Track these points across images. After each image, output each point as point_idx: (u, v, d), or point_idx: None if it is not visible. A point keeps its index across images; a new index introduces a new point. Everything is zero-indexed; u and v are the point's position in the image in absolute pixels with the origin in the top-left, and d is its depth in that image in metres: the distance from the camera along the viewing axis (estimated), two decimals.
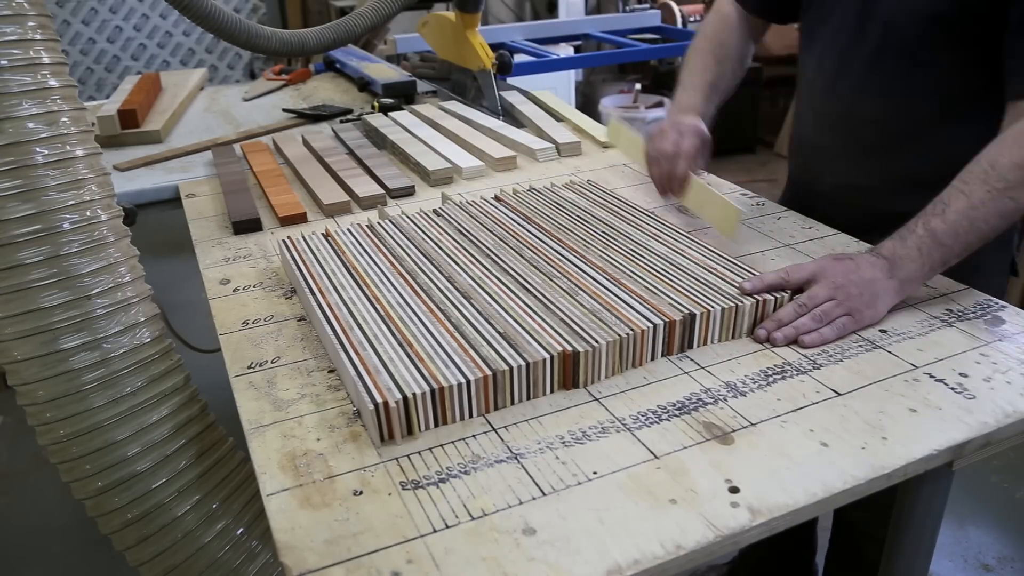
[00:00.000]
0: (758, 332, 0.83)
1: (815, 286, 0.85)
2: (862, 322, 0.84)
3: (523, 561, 0.56)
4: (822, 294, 0.84)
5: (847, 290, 0.83)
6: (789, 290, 0.86)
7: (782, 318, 0.83)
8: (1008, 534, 1.76)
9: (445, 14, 1.82)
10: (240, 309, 0.93)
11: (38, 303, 0.89)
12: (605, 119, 1.88)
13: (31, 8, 0.87)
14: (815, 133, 1.15)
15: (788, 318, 0.83)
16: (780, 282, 0.86)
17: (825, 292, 0.84)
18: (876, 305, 0.84)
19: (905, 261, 0.85)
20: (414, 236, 1.00)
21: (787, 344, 0.82)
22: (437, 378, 0.70)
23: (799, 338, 0.82)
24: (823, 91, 1.10)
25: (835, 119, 1.10)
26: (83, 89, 4.39)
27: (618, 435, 0.69)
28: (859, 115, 1.06)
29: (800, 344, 0.82)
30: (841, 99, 1.07)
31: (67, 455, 0.96)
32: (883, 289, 0.85)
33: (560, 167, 1.37)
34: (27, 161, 0.86)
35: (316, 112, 1.77)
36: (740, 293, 0.84)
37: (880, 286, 0.84)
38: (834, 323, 0.83)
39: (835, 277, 0.84)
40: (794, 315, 0.83)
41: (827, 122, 1.12)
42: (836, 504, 0.63)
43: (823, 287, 0.84)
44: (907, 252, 0.85)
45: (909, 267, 0.85)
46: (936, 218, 0.85)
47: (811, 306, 0.83)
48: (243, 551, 1.07)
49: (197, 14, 1.13)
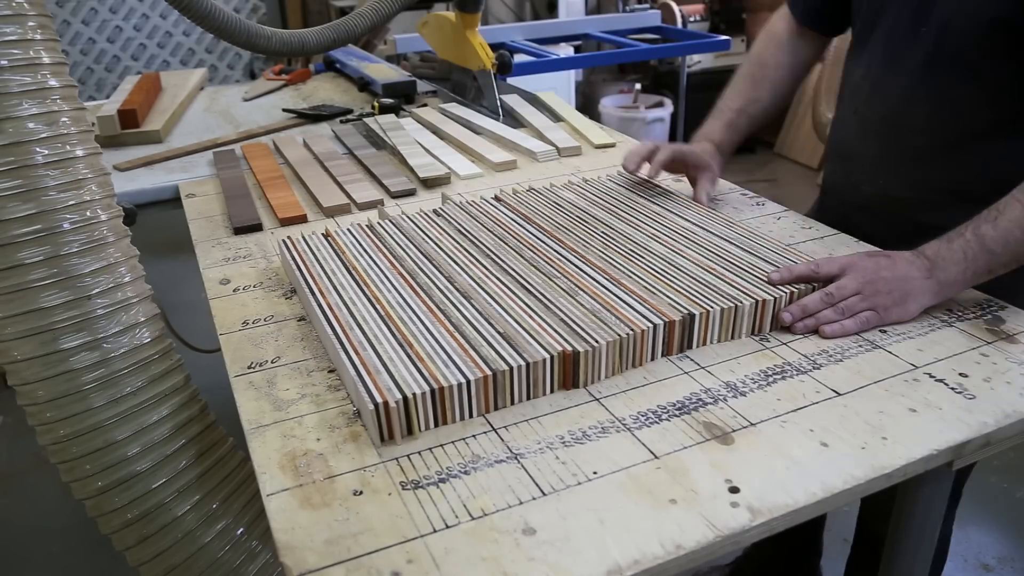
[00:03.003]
0: (783, 315, 0.84)
1: (844, 278, 0.84)
2: (887, 319, 0.84)
3: (523, 561, 0.56)
4: (850, 287, 0.83)
5: (875, 285, 0.83)
6: (818, 283, 0.86)
7: (807, 305, 0.84)
8: (1008, 534, 1.76)
9: (445, 14, 1.82)
10: (240, 309, 0.93)
11: (38, 303, 0.89)
12: (605, 119, 1.88)
13: (31, 8, 0.87)
14: (858, 139, 1.10)
15: (814, 307, 0.83)
16: (809, 274, 0.86)
17: (853, 285, 0.83)
18: (906, 303, 0.84)
19: (948, 264, 0.83)
20: (414, 236, 1.00)
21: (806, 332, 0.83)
22: (437, 378, 0.70)
23: (819, 328, 0.83)
24: (869, 96, 1.06)
25: (880, 125, 1.05)
26: (83, 89, 4.39)
27: (618, 435, 0.69)
28: (906, 122, 1.02)
29: (820, 335, 0.83)
30: (888, 104, 1.03)
31: (67, 455, 0.96)
32: (918, 288, 0.84)
33: (560, 167, 1.37)
34: (27, 161, 0.86)
35: (316, 112, 1.77)
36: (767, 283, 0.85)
37: (914, 285, 0.84)
38: (857, 317, 0.83)
39: (865, 272, 0.84)
40: (820, 304, 0.83)
41: (872, 128, 1.07)
42: (836, 504, 0.63)
43: (851, 280, 0.84)
44: (951, 255, 0.84)
45: (951, 270, 0.83)
46: (987, 224, 0.83)
47: (837, 297, 0.83)
48: (243, 551, 1.07)
49: (197, 14, 1.13)
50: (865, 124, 1.08)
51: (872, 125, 1.07)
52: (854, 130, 1.11)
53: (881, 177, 1.07)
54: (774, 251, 0.92)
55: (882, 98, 1.04)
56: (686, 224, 1.01)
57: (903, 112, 1.02)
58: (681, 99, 3.28)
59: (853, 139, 1.11)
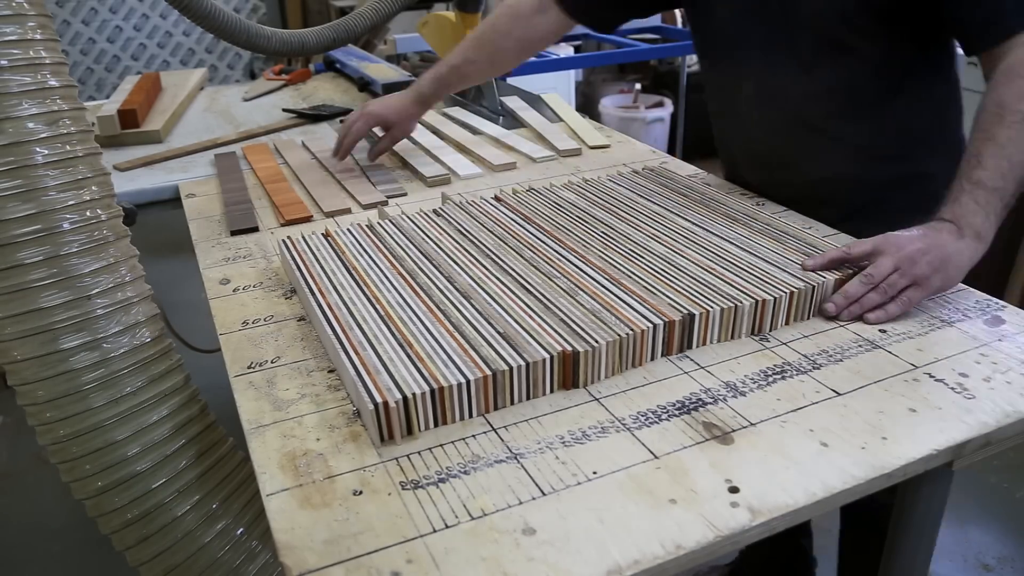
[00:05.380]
0: (827, 306, 0.85)
1: (879, 258, 0.85)
2: (930, 289, 0.84)
3: (523, 561, 0.56)
4: (886, 264, 0.84)
5: (912, 258, 0.83)
6: (851, 263, 0.87)
7: (849, 292, 0.84)
8: (1008, 534, 1.76)
9: (445, 14, 1.82)
10: (240, 309, 0.93)
11: (38, 303, 0.89)
12: (605, 119, 1.88)
13: (31, 8, 0.87)
14: (768, 142, 1.13)
15: (856, 292, 0.84)
16: (842, 256, 0.87)
17: (890, 263, 0.84)
18: (947, 269, 0.84)
19: (969, 217, 0.84)
20: (414, 236, 1.00)
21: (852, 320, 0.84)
22: (437, 378, 0.70)
23: (864, 316, 0.84)
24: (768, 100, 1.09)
25: (784, 123, 1.09)
26: (83, 89, 4.39)
27: (618, 435, 0.69)
28: (808, 111, 1.06)
29: (864, 322, 0.84)
30: (787, 102, 1.07)
31: (67, 455, 0.96)
32: (954, 251, 0.84)
33: (560, 167, 1.37)
34: (27, 161, 0.86)
35: (316, 112, 1.77)
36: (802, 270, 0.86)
37: (950, 248, 0.84)
38: (899, 299, 0.84)
39: (899, 247, 0.84)
40: (862, 289, 0.84)
41: (777, 127, 1.10)
42: (836, 504, 0.63)
43: (887, 258, 0.84)
44: (965, 209, 0.85)
45: (975, 220, 0.84)
46: (975, 170, 0.85)
47: (877, 278, 0.84)
48: (243, 551, 1.07)
49: (197, 14, 1.13)
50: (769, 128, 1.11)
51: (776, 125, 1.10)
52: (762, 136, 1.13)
53: (808, 165, 1.11)
54: (796, 248, 0.92)
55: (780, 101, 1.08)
56: (686, 224, 1.01)
57: (803, 105, 1.06)
58: (681, 99, 3.28)
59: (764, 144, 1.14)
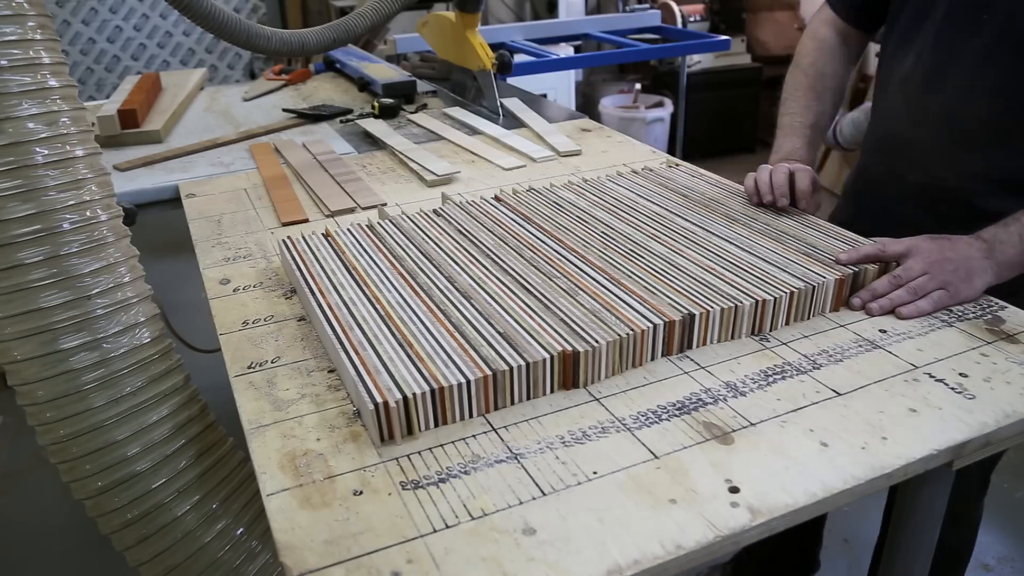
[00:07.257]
0: (853, 301, 0.86)
1: (910, 260, 0.86)
2: (957, 297, 0.85)
3: (523, 561, 0.56)
4: (917, 267, 0.85)
5: (941, 265, 0.85)
6: (884, 262, 0.88)
7: (877, 289, 0.85)
8: (1008, 534, 1.76)
9: (445, 14, 1.82)
10: (240, 309, 0.93)
11: (38, 303, 0.89)
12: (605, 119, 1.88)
13: (31, 8, 0.87)
14: (908, 130, 1.08)
15: (883, 290, 0.85)
16: (876, 253, 0.88)
17: (920, 266, 0.85)
18: (972, 281, 0.86)
19: (1005, 246, 0.86)
20: (414, 236, 1.00)
21: (883, 314, 0.85)
22: (437, 378, 0.70)
23: (896, 310, 0.84)
24: (923, 85, 1.04)
25: (934, 114, 1.04)
26: (83, 89, 4.39)
27: (618, 435, 0.69)
28: (964, 110, 1.00)
29: (897, 316, 0.85)
30: (945, 94, 1.01)
31: (67, 455, 0.96)
32: (980, 267, 0.86)
33: (560, 167, 1.37)
34: (27, 161, 0.86)
35: (316, 112, 1.77)
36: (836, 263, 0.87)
37: (976, 264, 0.86)
38: (930, 296, 0.85)
39: (930, 252, 0.86)
40: (889, 287, 0.85)
41: (924, 117, 1.05)
42: (836, 504, 0.63)
43: (918, 261, 0.86)
44: (1008, 237, 0.86)
45: (1008, 252, 0.86)
46: None
47: (905, 279, 0.85)
48: (243, 551, 1.07)
49: (197, 14, 1.13)
50: (917, 114, 1.06)
51: (925, 115, 1.05)
52: (904, 121, 1.09)
53: (933, 167, 1.06)
54: (796, 248, 0.92)
55: (938, 88, 1.03)
56: (686, 224, 1.01)
57: (961, 101, 1.01)
58: (681, 99, 3.28)
59: (902, 130, 1.09)
